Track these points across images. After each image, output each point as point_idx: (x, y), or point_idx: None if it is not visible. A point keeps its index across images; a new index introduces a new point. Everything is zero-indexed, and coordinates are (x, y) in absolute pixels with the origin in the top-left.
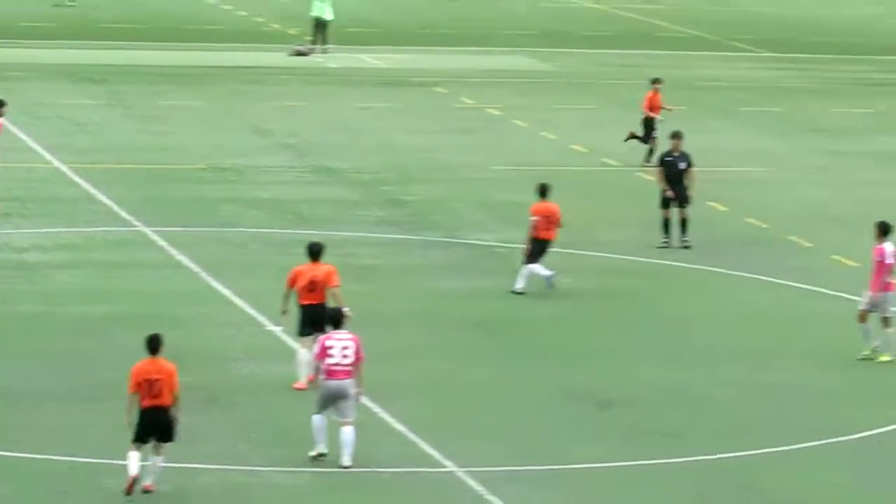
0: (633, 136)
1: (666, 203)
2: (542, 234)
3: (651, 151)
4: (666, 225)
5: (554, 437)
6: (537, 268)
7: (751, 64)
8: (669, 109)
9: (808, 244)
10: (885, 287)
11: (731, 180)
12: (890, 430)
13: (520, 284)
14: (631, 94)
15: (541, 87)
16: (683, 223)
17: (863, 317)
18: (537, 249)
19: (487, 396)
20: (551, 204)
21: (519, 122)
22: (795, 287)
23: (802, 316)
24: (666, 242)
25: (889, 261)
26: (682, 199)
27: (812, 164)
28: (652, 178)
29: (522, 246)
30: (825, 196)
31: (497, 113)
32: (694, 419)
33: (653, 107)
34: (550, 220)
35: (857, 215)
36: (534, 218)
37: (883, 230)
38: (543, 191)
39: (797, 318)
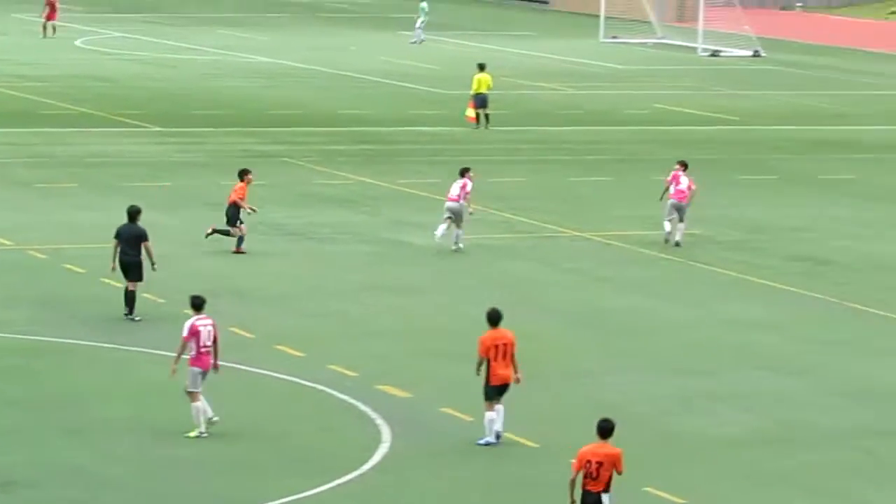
0: (214, 231)
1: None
2: None
3: (241, 239)
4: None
5: None
6: None
7: (138, 139)
8: (254, 210)
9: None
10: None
11: None
12: (304, 496)
13: None
14: (21, 173)
15: None
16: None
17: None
18: None
19: None
20: None
21: None
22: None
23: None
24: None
25: (184, 334)
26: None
27: (200, 239)
28: (44, 257)
29: None
30: (224, 268)
31: None
32: (95, 497)
33: (241, 196)
34: None
35: (254, 287)
36: None
37: (193, 304)
38: None
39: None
